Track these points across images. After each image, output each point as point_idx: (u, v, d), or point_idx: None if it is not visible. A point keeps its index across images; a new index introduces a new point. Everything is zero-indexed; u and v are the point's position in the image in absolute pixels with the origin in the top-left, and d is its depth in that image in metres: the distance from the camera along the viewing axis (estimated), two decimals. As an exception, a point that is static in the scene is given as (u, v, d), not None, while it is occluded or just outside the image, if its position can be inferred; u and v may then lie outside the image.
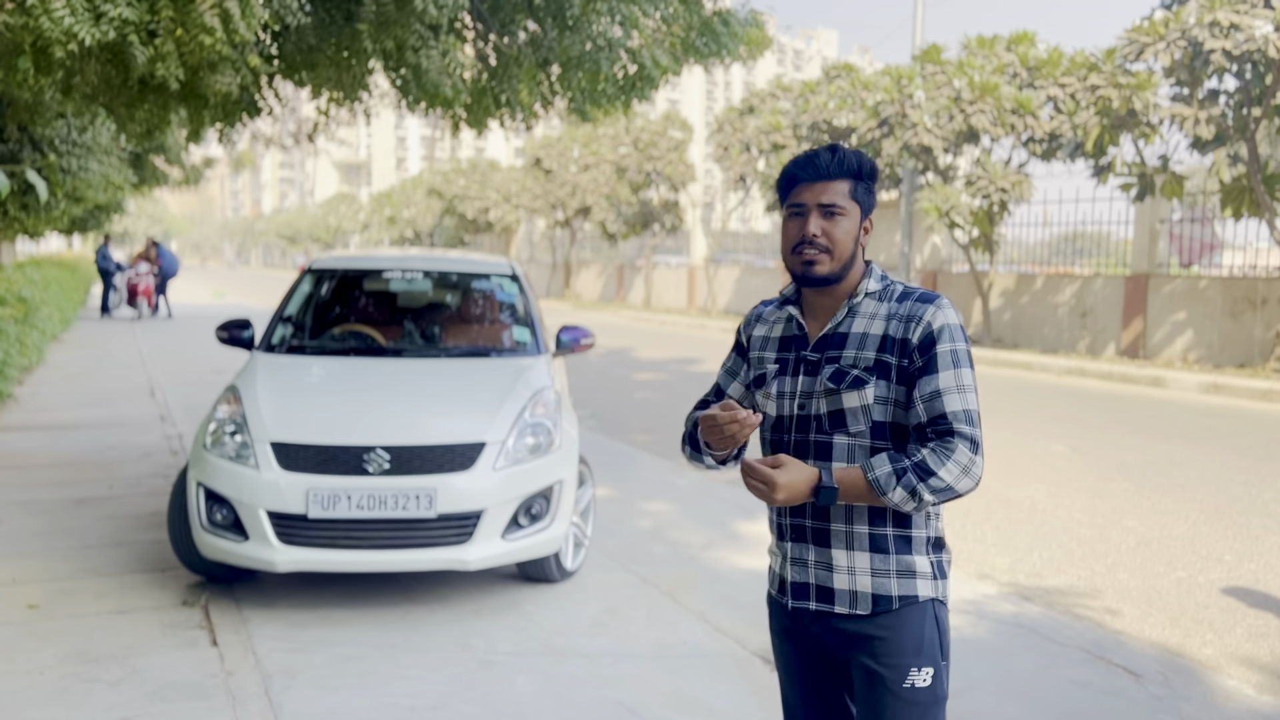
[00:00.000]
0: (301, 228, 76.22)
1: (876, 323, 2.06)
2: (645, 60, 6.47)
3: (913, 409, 2.02)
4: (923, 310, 2.03)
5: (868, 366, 2.04)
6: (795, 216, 2.08)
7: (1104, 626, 4.65)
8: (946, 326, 2.02)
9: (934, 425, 1.99)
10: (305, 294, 5.93)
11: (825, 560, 2.08)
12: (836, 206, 2.05)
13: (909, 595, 2.05)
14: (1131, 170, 14.67)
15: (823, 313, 2.13)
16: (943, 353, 2.01)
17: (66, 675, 3.81)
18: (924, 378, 2.01)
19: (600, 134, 29.01)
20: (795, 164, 2.09)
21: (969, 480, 1.98)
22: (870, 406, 2.03)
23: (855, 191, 2.07)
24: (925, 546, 2.08)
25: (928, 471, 1.95)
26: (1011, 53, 16.26)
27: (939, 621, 2.08)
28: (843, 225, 2.05)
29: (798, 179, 2.08)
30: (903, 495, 1.96)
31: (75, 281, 23.72)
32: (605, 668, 4.06)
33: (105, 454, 7.77)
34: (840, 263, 2.06)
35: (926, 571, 2.07)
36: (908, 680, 2.03)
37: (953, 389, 1.99)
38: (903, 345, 2.03)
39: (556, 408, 5.02)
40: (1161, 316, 15.47)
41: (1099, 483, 7.49)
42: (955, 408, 1.99)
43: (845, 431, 2.05)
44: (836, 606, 2.07)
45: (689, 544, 5.82)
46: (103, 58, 5.43)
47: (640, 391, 12.41)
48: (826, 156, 2.06)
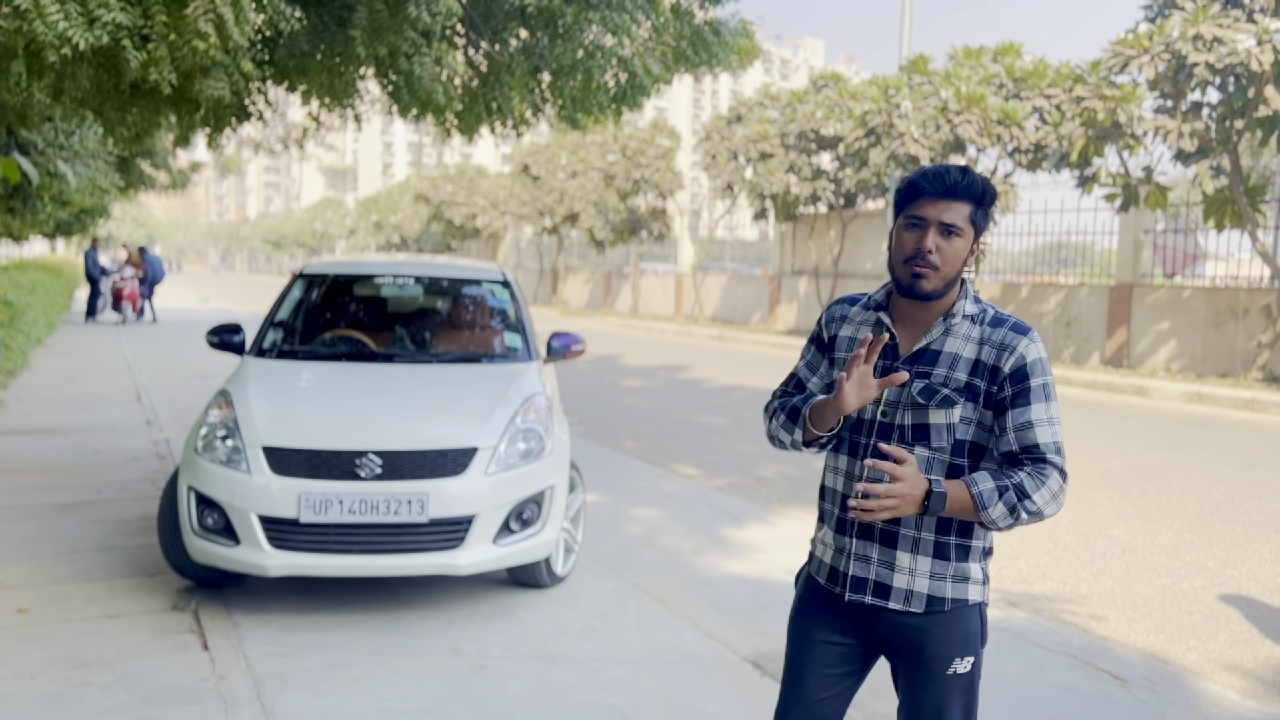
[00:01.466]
0: (287, 233, 75.94)
1: (970, 345, 2.13)
2: (637, 69, 6.51)
3: (1002, 436, 2.11)
4: (1017, 341, 2.11)
5: (957, 388, 2.11)
6: (913, 228, 2.11)
7: (1090, 632, 4.70)
8: (1040, 361, 2.11)
9: (1027, 453, 2.08)
10: (296, 299, 5.93)
11: (888, 560, 2.17)
12: (956, 227, 2.09)
13: (960, 599, 2.17)
14: (1116, 181, 14.80)
15: (913, 324, 2.18)
16: (1036, 386, 2.09)
17: (57, 679, 3.80)
18: (1016, 409, 2.09)
19: (588, 141, 29.05)
20: (924, 176, 2.11)
21: (1055, 506, 2.07)
22: (955, 425, 2.11)
23: (975, 215, 2.12)
24: (980, 555, 2.21)
25: (1025, 494, 2.04)
26: (998, 64, 16.39)
27: (982, 617, 2.22)
28: (957, 245, 2.10)
29: (922, 191, 2.11)
30: (1002, 511, 2.04)
31: (60, 285, 23.60)
32: (597, 672, 4.07)
33: (92, 458, 7.74)
34: (945, 281, 2.11)
35: (978, 578, 2.20)
36: (950, 669, 2.17)
37: (1044, 421, 2.09)
38: (993, 372, 2.10)
39: (548, 413, 5.04)
40: (1145, 326, 15.60)
41: (1084, 490, 7.55)
42: (1047, 439, 2.08)
43: (927, 445, 2.13)
44: (891, 603, 2.18)
45: (678, 550, 5.84)
46: (95, 62, 5.43)
47: (629, 398, 12.43)
48: (956, 175, 2.09)
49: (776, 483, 7.70)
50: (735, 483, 7.69)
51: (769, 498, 7.20)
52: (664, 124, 28.76)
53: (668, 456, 8.61)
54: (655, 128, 28.54)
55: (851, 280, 21.84)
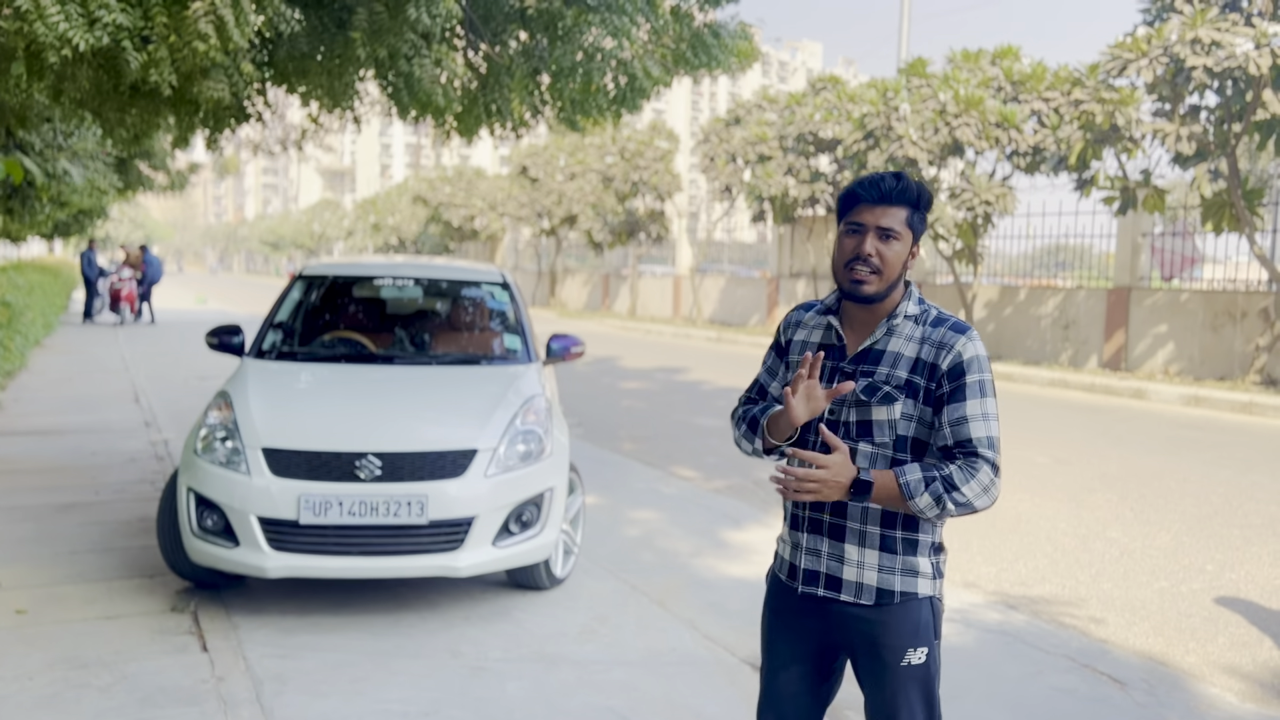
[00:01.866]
0: (285, 234, 75.89)
1: (911, 345, 2.21)
2: (636, 71, 6.51)
3: (939, 430, 2.18)
4: (955, 339, 2.19)
5: (899, 385, 2.19)
6: (852, 234, 2.21)
7: (1089, 635, 4.70)
8: (976, 358, 2.18)
9: (960, 448, 2.15)
10: (296, 300, 5.93)
11: (838, 553, 2.25)
12: (893, 231, 2.18)
13: (910, 592, 2.23)
14: (1114, 184, 14.82)
15: (861, 326, 2.28)
16: (971, 383, 2.17)
17: (56, 681, 3.80)
18: (952, 404, 2.17)
19: (587, 143, 29.04)
20: (860, 184, 2.20)
21: (987, 499, 2.15)
22: (896, 421, 2.19)
23: (911, 219, 2.21)
24: (928, 550, 2.26)
25: (953, 485, 2.12)
26: (996, 67, 16.40)
27: (934, 610, 2.27)
28: (895, 249, 2.19)
29: (860, 199, 2.20)
30: (928, 502, 2.12)
31: (57, 286, 23.57)
32: (596, 675, 4.07)
33: (90, 459, 7.73)
34: (887, 283, 2.20)
35: (927, 572, 2.25)
36: (905, 659, 2.23)
37: (978, 416, 2.16)
38: (932, 370, 2.19)
39: (547, 415, 5.04)
40: (1143, 329, 15.62)
41: (1082, 493, 7.55)
42: (980, 434, 2.15)
43: (871, 441, 2.21)
44: (842, 595, 2.25)
45: (677, 552, 5.84)
46: (95, 63, 5.42)
47: (627, 400, 12.43)
48: (891, 182, 2.18)
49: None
50: (734, 485, 7.69)
51: (767, 500, 7.20)
52: (662, 126, 28.77)
53: (666, 458, 8.61)
54: (653, 130, 28.54)
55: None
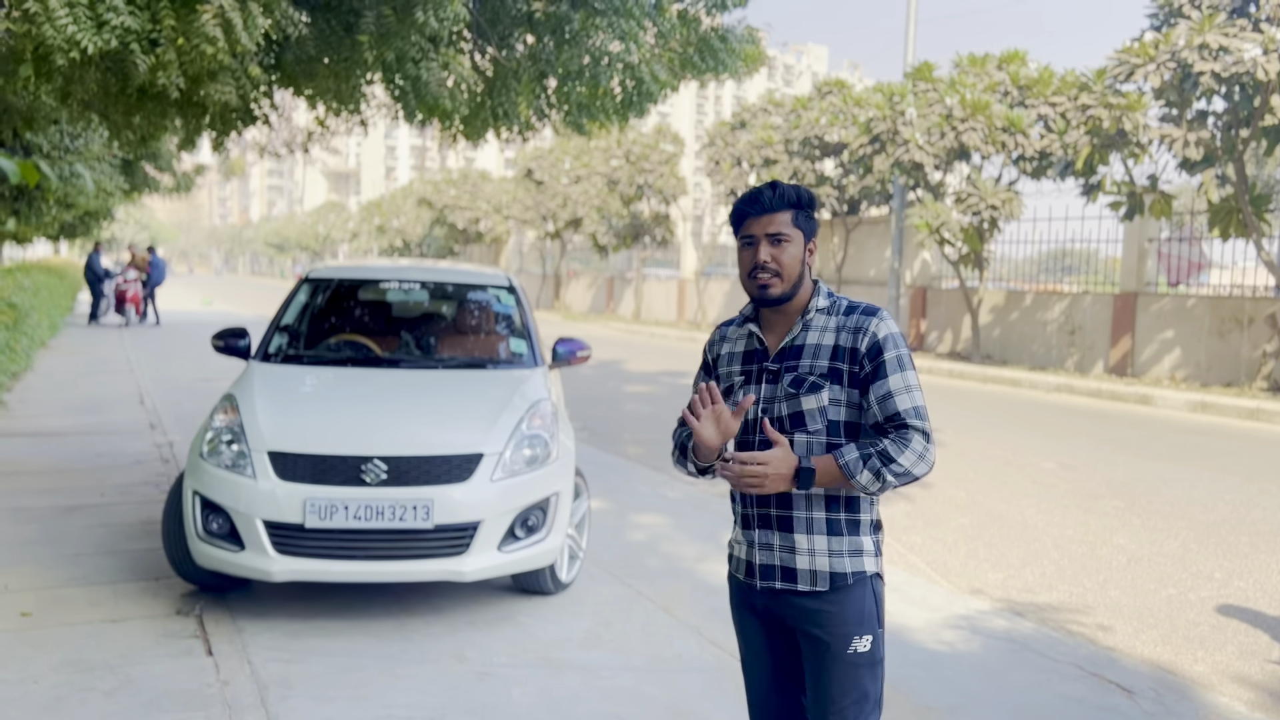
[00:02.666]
0: (290, 236, 76.03)
1: (828, 335, 2.34)
2: (644, 75, 6.51)
3: (868, 410, 2.30)
4: (868, 322, 2.32)
5: (822, 373, 2.31)
6: (747, 246, 2.35)
7: (1096, 643, 4.68)
8: (890, 335, 2.30)
9: (890, 421, 2.27)
10: (302, 304, 5.92)
11: (789, 544, 2.34)
12: (782, 235, 2.32)
13: (859, 571, 2.33)
14: (1121, 189, 14.79)
15: (779, 328, 2.41)
16: (890, 359, 2.28)
17: (61, 684, 3.79)
18: (875, 382, 2.28)
19: (592, 146, 29.05)
20: (742, 201, 2.35)
21: (924, 465, 2.26)
22: (826, 408, 2.30)
23: (797, 220, 2.34)
24: (869, 528, 2.37)
25: (889, 458, 2.22)
26: (1003, 71, 16.39)
27: (876, 594, 2.36)
28: (789, 251, 2.33)
29: (746, 214, 2.35)
30: (869, 477, 2.22)
31: (63, 287, 23.61)
32: (602, 680, 4.06)
33: (95, 461, 7.73)
34: (790, 283, 2.34)
35: (870, 550, 2.36)
36: (850, 647, 2.31)
37: (902, 389, 2.27)
38: (852, 354, 2.31)
39: (553, 420, 5.03)
40: (1149, 335, 15.57)
41: (1089, 500, 7.53)
42: (906, 405, 2.27)
43: (805, 430, 2.31)
44: (799, 585, 2.33)
45: (682, 557, 5.82)
46: (103, 66, 5.43)
47: (631, 404, 12.42)
48: (768, 193, 2.33)
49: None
50: (739, 490, 7.67)
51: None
52: (667, 130, 28.79)
53: (670, 463, 8.57)
54: (659, 133, 28.56)
55: (855, 287, 21.83)
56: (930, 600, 5.18)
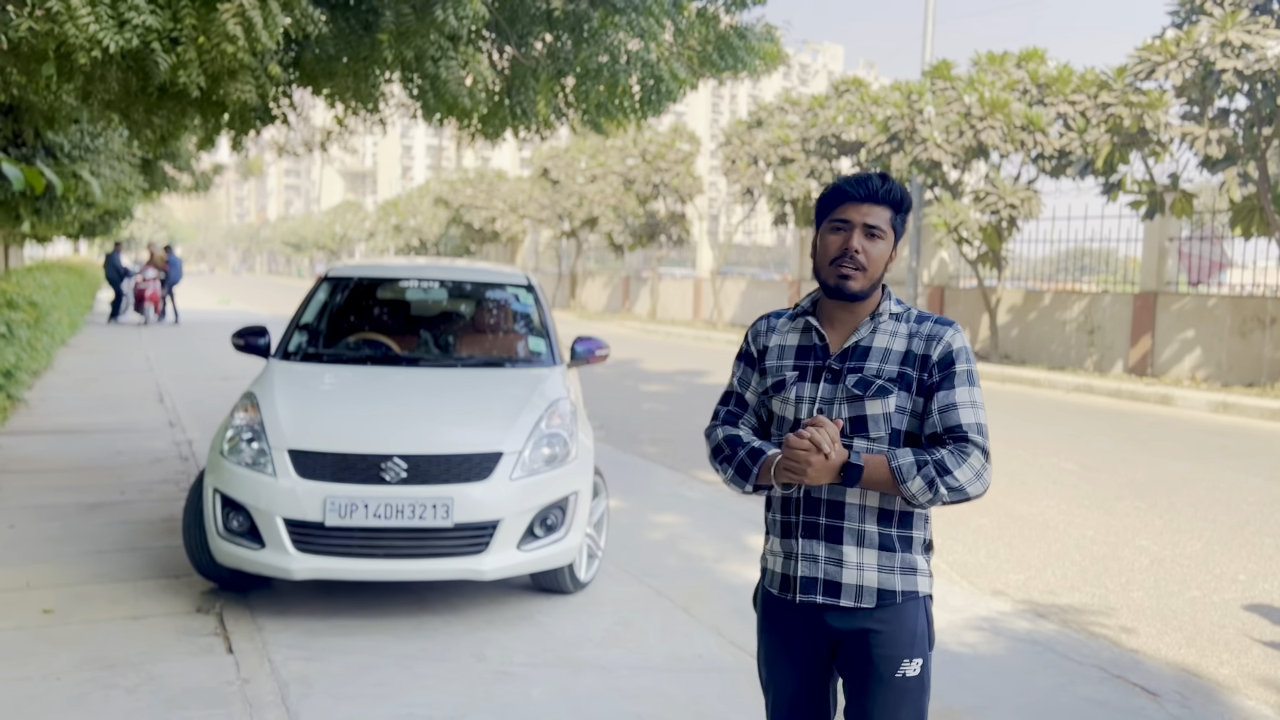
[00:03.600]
0: (307, 235, 76.37)
1: (898, 340, 2.23)
2: (663, 73, 6.49)
3: (928, 419, 2.20)
4: (943, 331, 2.23)
5: (891, 378, 2.20)
6: (838, 231, 2.23)
7: (1120, 645, 4.63)
8: (964, 349, 2.23)
9: (950, 433, 2.16)
10: (321, 302, 5.93)
11: (836, 556, 2.21)
12: (879, 229, 2.21)
13: (910, 590, 2.22)
14: (1141, 188, 14.68)
15: (841, 326, 2.28)
16: (960, 371, 2.20)
17: (83, 681, 3.80)
18: (942, 391, 2.19)
19: (608, 145, 29.05)
20: (847, 182, 2.22)
21: (980, 485, 2.14)
22: (891, 415, 2.19)
23: (894, 220, 2.24)
24: (922, 547, 2.26)
25: (945, 470, 2.11)
26: (1022, 69, 16.28)
27: (928, 616, 2.25)
28: (879, 247, 2.22)
29: (847, 197, 2.21)
30: (921, 485, 2.10)
31: (83, 286, 23.77)
32: (621, 680, 4.04)
33: (115, 459, 7.77)
34: (870, 281, 2.23)
35: (924, 569, 2.25)
36: (899, 670, 2.19)
37: (967, 404, 2.18)
38: (923, 361, 2.21)
39: (572, 419, 5.02)
40: (1170, 334, 15.45)
41: (1110, 500, 7.47)
42: (969, 420, 2.17)
43: (866, 436, 2.19)
44: (843, 600, 2.21)
45: (701, 556, 5.80)
46: (124, 65, 5.45)
47: (648, 403, 12.41)
48: (878, 182, 2.20)
49: (799, 490, 7.64)
50: (757, 489, 7.64)
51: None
52: (683, 129, 28.76)
53: (688, 462, 8.57)
54: (675, 132, 28.54)
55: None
56: (951, 601, 5.14)
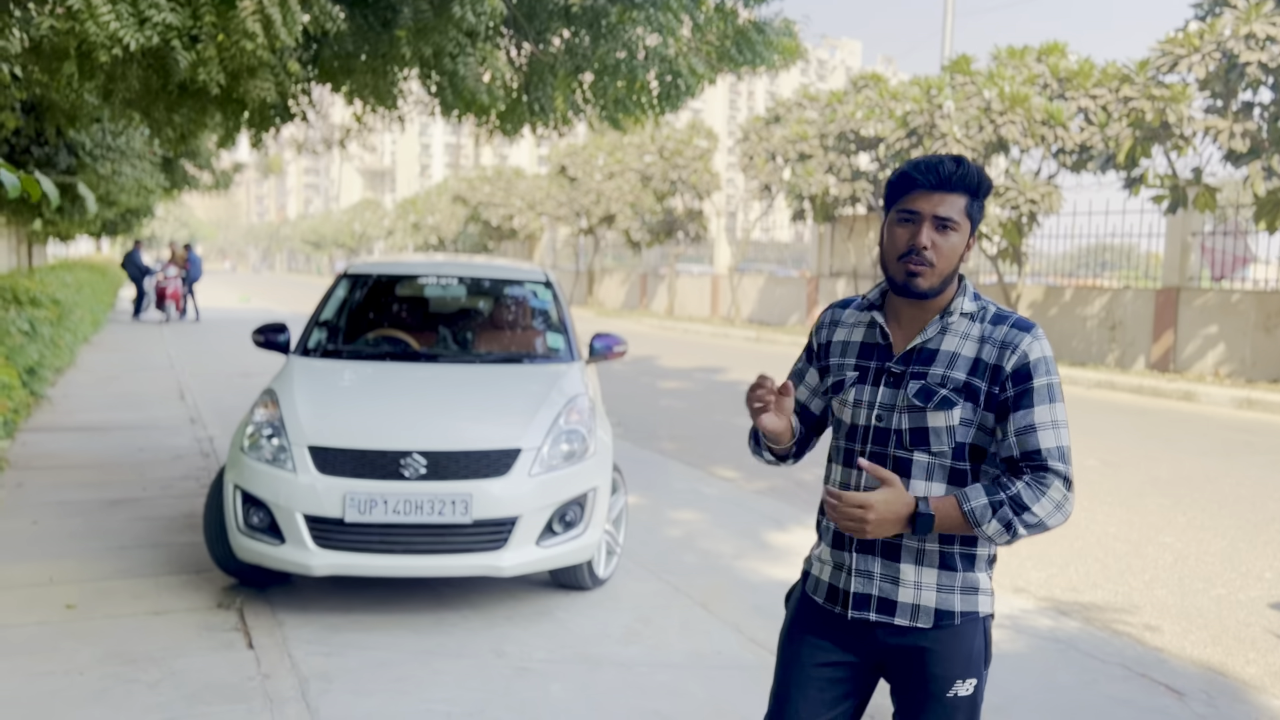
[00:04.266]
0: (326, 233, 76.70)
1: (969, 344, 2.02)
2: (681, 68, 6.47)
3: (1004, 440, 1.99)
4: (1019, 339, 1.99)
5: (956, 388, 2.00)
6: (906, 223, 2.01)
7: (1144, 643, 4.59)
8: (1044, 359, 1.99)
9: (1028, 460, 1.96)
10: (341, 299, 5.95)
11: (892, 574, 2.05)
12: (951, 221, 1.99)
13: (970, 611, 2.07)
14: (1164, 182, 14.54)
15: (909, 323, 2.08)
16: (1039, 387, 1.97)
17: (106, 676, 3.83)
18: (1019, 411, 1.97)
19: (625, 142, 29.04)
20: (915, 168, 2.00)
21: (1060, 516, 1.96)
22: (955, 428, 2.00)
23: (970, 208, 2.01)
24: (986, 564, 2.10)
25: (1023, 507, 1.93)
26: (1042, 64, 16.16)
27: (987, 635, 2.11)
28: (953, 240, 2.00)
29: (916, 185, 2.00)
30: (997, 528, 1.94)
31: (105, 284, 23.94)
32: (641, 677, 4.03)
33: (137, 456, 7.82)
34: (942, 278, 2.01)
35: (987, 588, 2.10)
36: (952, 690, 2.06)
37: (1048, 424, 1.96)
38: (995, 371, 1.99)
39: (591, 415, 5.01)
40: (1192, 330, 15.31)
41: (1132, 497, 7.40)
42: (1050, 444, 1.95)
43: (927, 450, 2.02)
44: (897, 619, 2.06)
45: (720, 553, 5.79)
46: (144, 63, 5.48)
47: (666, 400, 12.39)
48: (951, 166, 1.98)
49: (818, 486, 7.61)
50: (776, 486, 7.62)
51: (810, 501, 7.12)
52: (701, 125, 28.70)
53: (706, 459, 8.55)
54: (692, 129, 28.48)
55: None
56: (972, 599, 5.10)
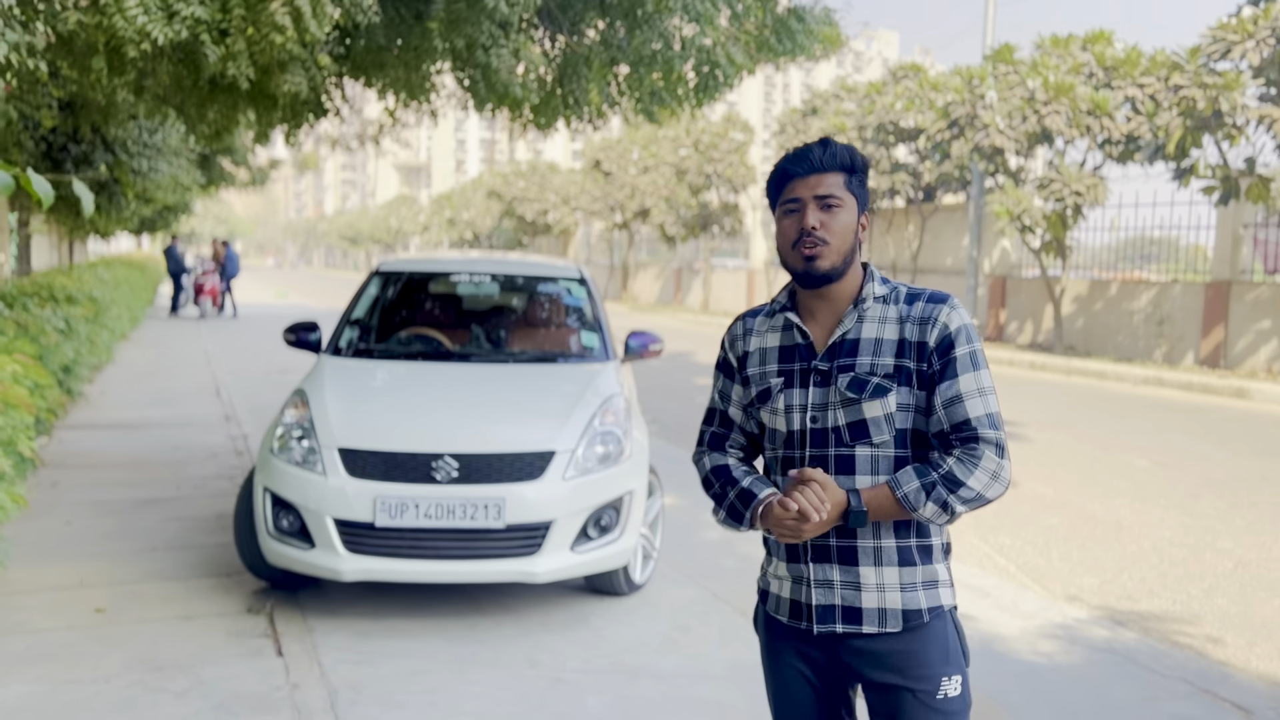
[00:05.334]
0: (363, 229, 77.25)
1: (889, 326, 1.99)
2: (719, 58, 6.30)
3: (932, 415, 1.96)
4: (936, 311, 1.97)
5: (887, 373, 1.96)
6: (791, 213, 2.01)
7: (1207, 656, 4.37)
8: (963, 328, 1.97)
9: (957, 432, 1.93)
10: (373, 297, 5.85)
11: (853, 580, 1.99)
12: (833, 198, 1.98)
13: (936, 606, 2.00)
14: (1215, 173, 14.13)
15: (824, 318, 2.04)
16: (961, 356, 1.95)
17: (132, 684, 3.75)
18: (944, 382, 1.94)
19: (660, 136, 28.86)
20: (786, 160, 2.02)
21: (999, 486, 1.93)
22: (893, 415, 1.96)
23: (850, 184, 2.00)
24: (942, 554, 2.05)
25: (956, 482, 1.90)
26: (1087, 52, 15.78)
27: (958, 628, 2.04)
28: (841, 218, 1.98)
29: (790, 174, 2.00)
30: (934, 510, 1.91)
31: (144, 281, 24.17)
32: (679, 689, 3.89)
33: (171, 454, 7.80)
34: (841, 256, 1.98)
35: (946, 579, 2.04)
36: (940, 692, 1.98)
37: (974, 392, 1.94)
38: (920, 348, 1.96)
39: (626, 415, 4.87)
40: (1244, 325, 14.89)
41: (1187, 499, 7.14)
42: (978, 412, 1.93)
43: (868, 442, 1.97)
44: (865, 627, 1.99)
45: (758, 558, 5.60)
46: (174, 57, 5.41)
47: (703, 396, 12.23)
48: (818, 150, 1.99)
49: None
50: (816, 486, 7.44)
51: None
52: (737, 118, 28.47)
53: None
54: (728, 122, 28.26)
55: (931, 276, 21.32)
56: (1022, 606, 4.92)
